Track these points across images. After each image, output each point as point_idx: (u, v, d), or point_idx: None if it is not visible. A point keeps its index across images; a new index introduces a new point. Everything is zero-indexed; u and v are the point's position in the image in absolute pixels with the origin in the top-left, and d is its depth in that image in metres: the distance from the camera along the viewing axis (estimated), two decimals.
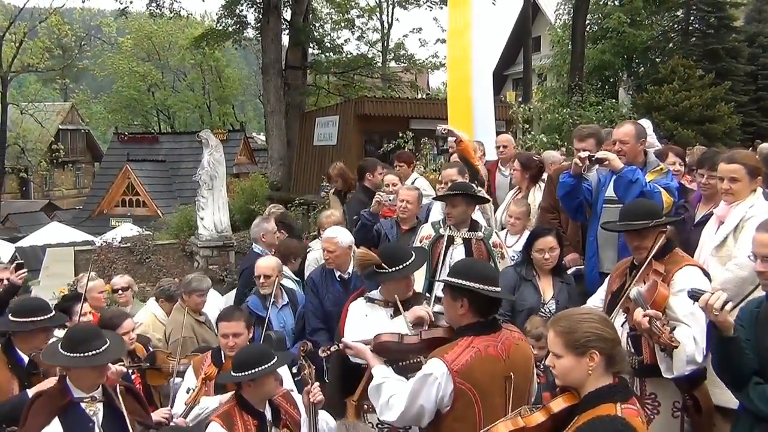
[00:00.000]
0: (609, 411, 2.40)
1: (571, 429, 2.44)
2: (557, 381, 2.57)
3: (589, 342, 2.46)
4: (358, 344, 3.46)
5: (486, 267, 3.43)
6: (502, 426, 2.53)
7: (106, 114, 37.29)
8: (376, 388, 3.23)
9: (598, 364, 2.46)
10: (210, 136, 12.93)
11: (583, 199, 4.84)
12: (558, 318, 2.61)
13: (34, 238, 19.17)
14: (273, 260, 5.36)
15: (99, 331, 3.56)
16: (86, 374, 3.34)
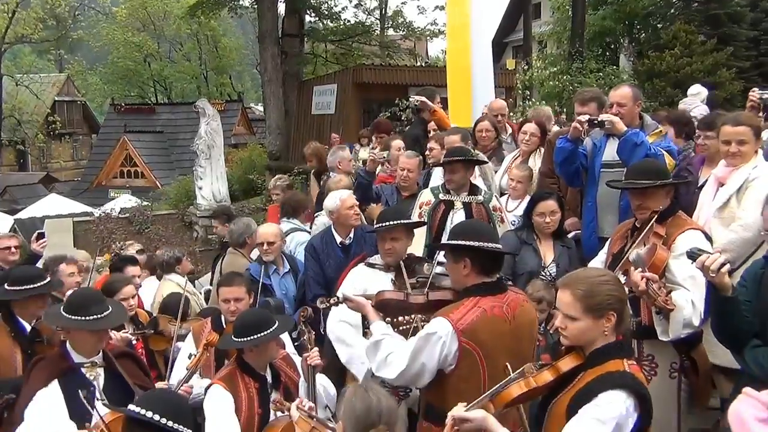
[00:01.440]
0: (618, 367, 2.45)
1: (579, 385, 2.47)
2: (566, 342, 2.59)
3: (610, 305, 2.49)
4: (359, 298, 3.46)
5: (484, 226, 3.46)
6: (515, 387, 2.56)
7: (102, 85, 36.94)
8: (374, 345, 3.24)
9: (613, 324, 2.50)
10: (207, 105, 12.86)
11: (579, 164, 4.82)
12: (573, 281, 2.59)
13: (33, 210, 19.14)
14: (275, 227, 5.36)
15: (101, 296, 3.58)
16: (86, 338, 3.35)
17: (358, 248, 4.83)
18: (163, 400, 2.59)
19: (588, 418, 2.35)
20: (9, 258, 5.51)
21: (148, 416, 2.42)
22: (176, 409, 2.52)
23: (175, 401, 2.67)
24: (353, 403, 2.39)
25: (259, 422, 3.36)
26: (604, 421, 2.33)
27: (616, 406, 2.35)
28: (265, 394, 3.44)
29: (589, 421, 2.34)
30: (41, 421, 3.14)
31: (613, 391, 2.37)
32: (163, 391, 3.24)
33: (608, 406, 2.35)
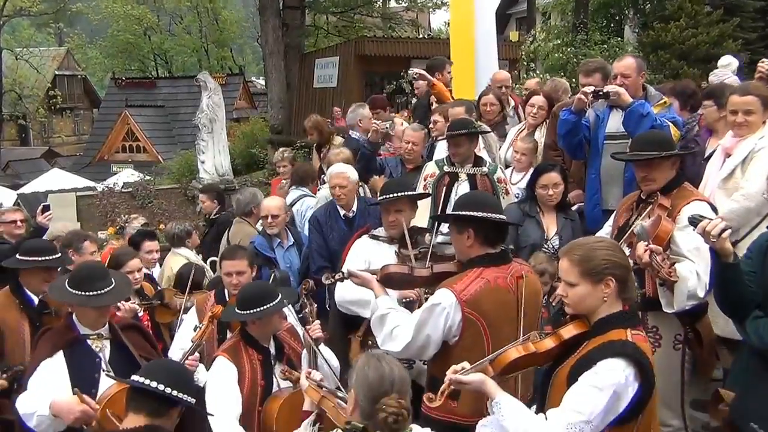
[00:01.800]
0: (620, 336, 2.45)
1: (581, 354, 2.48)
2: (568, 309, 2.60)
3: (606, 269, 2.49)
4: (364, 273, 3.48)
5: (488, 197, 3.47)
6: (513, 350, 2.57)
7: (102, 59, 36.64)
8: (380, 319, 3.26)
9: (613, 290, 2.49)
10: (208, 78, 12.77)
11: (582, 136, 4.79)
12: (571, 247, 2.61)
13: (36, 184, 19.11)
14: (279, 200, 5.36)
15: (106, 271, 3.59)
16: (89, 312, 3.37)
17: (362, 221, 4.83)
18: (165, 369, 2.60)
19: (586, 385, 2.37)
20: (14, 231, 5.53)
21: (152, 386, 2.43)
22: (179, 378, 2.54)
23: (178, 370, 2.68)
24: (366, 371, 2.40)
25: (262, 394, 3.40)
26: (602, 389, 2.34)
27: (614, 374, 2.35)
28: (268, 366, 3.46)
29: (587, 388, 2.36)
30: (43, 390, 3.17)
31: (613, 359, 2.38)
32: (165, 361, 3.26)
33: (606, 374, 2.35)
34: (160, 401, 2.44)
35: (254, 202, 5.90)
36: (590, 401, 2.33)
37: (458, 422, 3.02)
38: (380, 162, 5.56)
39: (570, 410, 2.35)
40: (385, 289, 3.41)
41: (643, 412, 2.42)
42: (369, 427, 2.37)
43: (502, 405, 2.41)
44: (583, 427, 2.32)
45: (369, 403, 2.35)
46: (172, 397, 2.43)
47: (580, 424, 2.32)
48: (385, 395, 2.34)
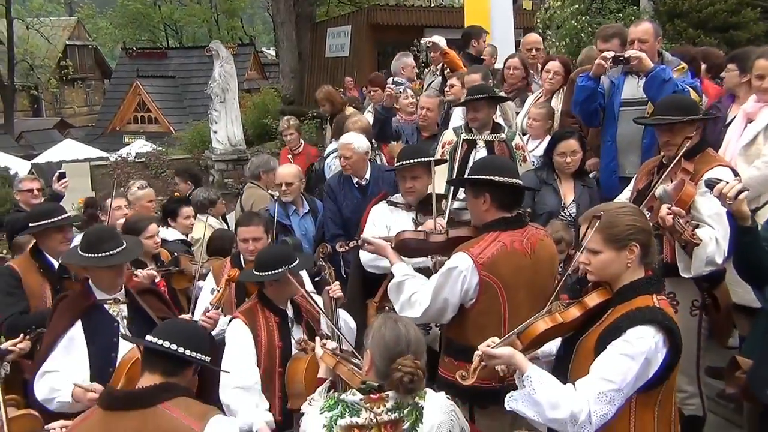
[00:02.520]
0: (646, 302, 2.43)
1: (608, 322, 2.46)
2: (591, 277, 2.57)
3: (630, 235, 2.46)
4: (379, 240, 3.49)
5: (505, 161, 3.46)
6: (540, 323, 2.55)
7: (112, 29, 36.48)
8: (397, 286, 3.28)
9: (636, 256, 2.47)
10: (220, 47, 12.68)
11: (599, 103, 4.74)
12: (593, 214, 2.57)
13: (49, 154, 19.18)
14: (294, 167, 5.36)
15: (115, 232, 3.63)
16: (104, 275, 3.39)
17: (375, 188, 4.84)
18: (178, 329, 2.61)
19: (617, 354, 2.34)
20: (31, 200, 5.59)
21: (164, 346, 2.44)
22: (191, 338, 2.54)
23: (191, 330, 2.68)
24: (382, 332, 2.42)
25: (280, 355, 3.43)
26: (633, 356, 2.32)
27: (645, 341, 2.33)
28: (285, 328, 3.50)
29: (618, 356, 2.34)
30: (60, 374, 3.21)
31: (642, 326, 2.35)
32: (178, 321, 3.27)
33: (637, 342, 2.33)
34: (173, 361, 2.45)
35: (264, 167, 5.97)
36: (621, 369, 2.32)
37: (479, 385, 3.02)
38: (396, 128, 5.53)
39: (600, 379, 2.33)
40: (400, 256, 3.42)
41: (669, 378, 2.43)
42: (384, 386, 2.39)
43: (532, 378, 2.38)
44: (614, 395, 2.31)
45: (385, 363, 2.37)
46: (185, 357, 2.44)
47: (611, 393, 2.31)
48: (401, 355, 2.36)
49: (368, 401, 2.37)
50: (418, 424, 2.36)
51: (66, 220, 4.16)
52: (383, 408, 2.35)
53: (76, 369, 3.23)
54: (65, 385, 3.14)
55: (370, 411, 2.34)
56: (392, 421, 2.35)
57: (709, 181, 2.94)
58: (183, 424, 2.30)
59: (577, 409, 2.30)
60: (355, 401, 2.38)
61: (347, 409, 2.36)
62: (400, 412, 2.36)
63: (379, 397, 2.37)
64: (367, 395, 2.38)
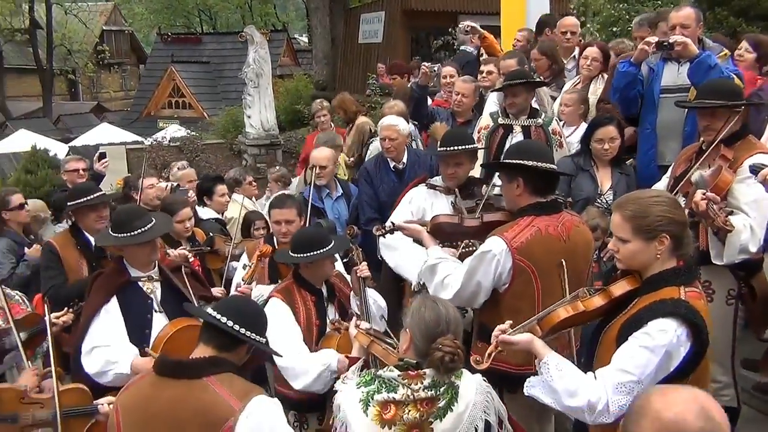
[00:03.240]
0: (672, 294, 2.36)
1: (631, 312, 2.43)
2: (620, 265, 2.53)
3: (660, 226, 2.39)
4: (413, 225, 3.51)
5: (540, 145, 3.46)
6: (562, 310, 2.53)
7: (147, 15, 36.87)
8: (431, 269, 3.30)
9: (667, 247, 2.40)
10: (254, 32, 12.74)
11: (637, 90, 4.68)
12: (625, 201, 2.52)
13: (86, 138, 19.56)
14: (328, 151, 5.39)
15: (143, 211, 3.70)
16: (137, 252, 3.47)
17: (412, 172, 4.85)
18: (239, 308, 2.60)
19: (636, 346, 2.30)
20: (77, 180, 5.71)
21: (222, 322, 2.46)
22: (250, 318, 2.55)
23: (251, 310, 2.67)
24: (422, 312, 2.44)
25: (317, 333, 3.48)
26: (653, 349, 2.27)
27: (666, 334, 2.27)
28: (321, 306, 3.54)
29: (638, 348, 2.30)
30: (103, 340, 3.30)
31: (664, 319, 2.29)
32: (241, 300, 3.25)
33: (658, 334, 2.28)
34: (229, 337, 2.48)
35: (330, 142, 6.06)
36: (641, 362, 2.28)
37: (508, 371, 3.05)
38: (431, 110, 5.52)
39: (619, 370, 2.30)
40: (435, 240, 3.43)
41: (695, 371, 2.36)
42: (421, 364, 2.41)
43: (550, 365, 2.37)
44: (633, 387, 2.28)
45: (425, 342, 2.39)
46: (240, 335, 2.47)
47: (630, 384, 2.28)
48: (441, 335, 2.37)
49: (406, 377, 2.39)
50: (453, 403, 2.38)
51: (99, 198, 4.26)
52: (420, 385, 2.38)
53: (124, 342, 3.32)
54: (121, 357, 3.23)
55: (407, 387, 2.37)
56: (428, 399, 2.37)
57: (754, 167, 2.89)
58: (223, 401, 2.33)
59: (594, 398, 2.28)
60: (392, 377, 2.40)
61: (384, 385, 2.39)
62: (436, 390, 2.38)
63: (416, 374, 2.39)
64: (404, 372, 2.41)
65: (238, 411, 2.30)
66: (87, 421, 3.00)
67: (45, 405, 2.93)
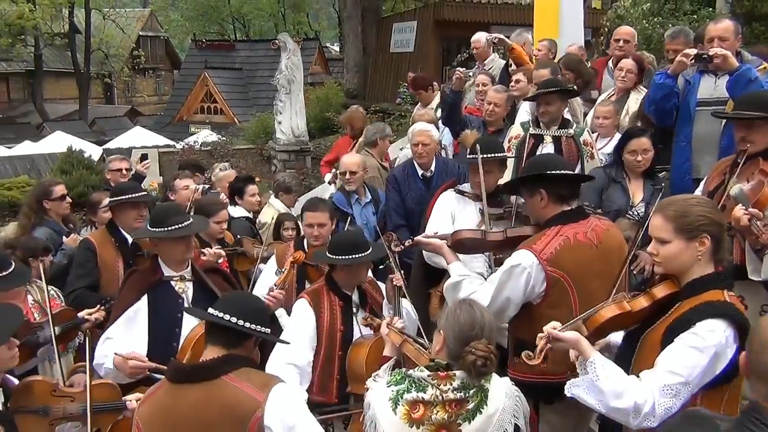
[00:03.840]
0: (716, 297, 2.36)
1: (676, 315, 2.41)
2: (658, 269, 2.51)
3: (701, 226, 2.38)
4: (434, 240, 3.48)
5: (554, 157, 3.49)
6: (607, 310, 2.52)
7: (183, 21, 37.54)
8: (453, 286, 3.27)
9: (707, 249, 2.39)
10: (288, 39, 12.90)
11: (673, 102, 4.62)
12: (666, 204, 2.51)
13: (120, 141, 19.89)
14: (358, 157, 5.42)
15: (181, 208, 3.77)
16: (172, 248, 3.50)
17: (440, 180, 4.84)
18: (238, 302, 2.61)
19: (684, 346, 2.29)
20: (120, 180, 5.81)
21: (225, 319, 2.47)
22: (251, 310, 2.55)
23: (250, 302, 2.69)
24: (458, 314, 2.45)
25: (341, 338, 3.48)
26: (702, 350, 2.26)
27: (715, 335, 2.27)
28: (348, 312, 3.53)
29: (686, 349, 2.28)
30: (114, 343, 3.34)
31: (713, 320, 2.29)
32: (239, 295, 3.30)
33: (707, 335, 2.27)
34: (234, 333, 2.49)
35: (380, 134, 6.12)
36: (689, 362, 2.26)
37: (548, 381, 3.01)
38: (464, 118, 5.52)
39: (666, 371, 2.28)
40: (456, 255, 3.41)
41: (738, 375, 2.33)
42: (452, 366, 2.41)
43: (596, 365, 2.35)
44: (680, 388, 2.26)
45: (458, 345, 2.39)
46: (244, 329, 2.48)
47: (677, 386, 2.26)
48: (475, 339, 2.38)
49: (435, 378, 2.40)
50: (482, 406, 2.37)
51: (142, 197, 4.33)
52: (450, 386, 2.38)
53: (133, 341, 3.35)
54: (112, 354, 3.26)
55: (437, 388, 2.37)
56: (457, 400, 2.37)
57: None
58: (246, 395, 2.36)
59: (641, 399, 2.26)
60: (422, 377, 2.41)
61: (414, 385, 2.40)
62: (465, 392, 2.38)
63: (446, 375, 2.40)
64: (434, 372, 2.41)
65: (263, 402, 2.33)
66: (114, 417, 3.04)
67: (75, 399, 2.97)
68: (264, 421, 2.30)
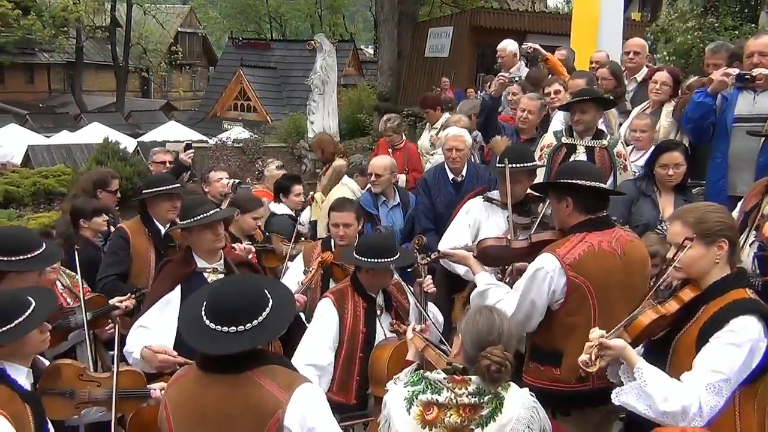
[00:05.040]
0: (742, 295, 2.46)
1: (705, 316, 2.47)
2: (679, 274, 2.58)
3: (719, 231, 2.51)
4: (459, 251, 3.49)
5: (588, 166, 3.47)
6: (645, 316, 2.56)
7: (221, 19, 38.01)
8: (480, 295, 3.29)
9: (725, 253, 2.51)
10: (324, 40, 12.98)
11: (712, 119, 4.56)
12: (682, 211, 2.64)
13: (154, 134, 20.23)
14: (387, 160, 5.43)
15: (207, 200, 3.83)
16: (201, 237, 3.55)
17: (470, 185, 4.85)
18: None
19: (722, 344, 2.36)
20: (162, 171, 5.88)
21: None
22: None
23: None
24: (477, 319, 2.45)
25: (363, 340, 3.49)
26: (739, 345, 2.34)
27: (750, 330, 2.37)
28: (371, 314, 3.54)
29: (724, 346, 2.36)
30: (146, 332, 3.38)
31: (746, 316, 2.37)
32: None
33: (742, 331, 2.36)
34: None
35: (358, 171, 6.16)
36: (728, 359, 2.34)
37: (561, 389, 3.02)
38: (498, 125, 5.51)
39: (708, 371, 2.35)
40: (482, 266, 3.42)
41: None
42: (469, 370, 2.41)
43: (644, 371, 2.42)
44: (722, 385, 2.34)
45: (474, 349, 2.39)
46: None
47: (720, 383, 2.33)
48: (492, 344, 2.37)
49: (451, 381, 2.41)
50: (497, 414, 2.36)
51: (176, 189, 4.40)
52: (464, 391, 2.38)
53: (163, 331, 3.38)
54: (141, 344, 3.30)
55: (451, 391, 2.38)
56: (471, 405, 2.37)
57: None
58: (270, 394, 2.35)
59: (687, 401, 2.32)
60: (438, 379, 2.42)
61: (429, 386, 2.41)
62: (480, 397, 2.38)
63: (461, 379, 2.40)
64: (450, 375, 2.42)
65: (285, 403, 2.32)
66: (138, 404, 3.10)
67: (101, 384, 3.03)
68: (284, 421, 2.30)
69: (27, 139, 18.13)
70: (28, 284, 2.91)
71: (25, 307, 2.49)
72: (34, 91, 31.61)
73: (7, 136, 18.65)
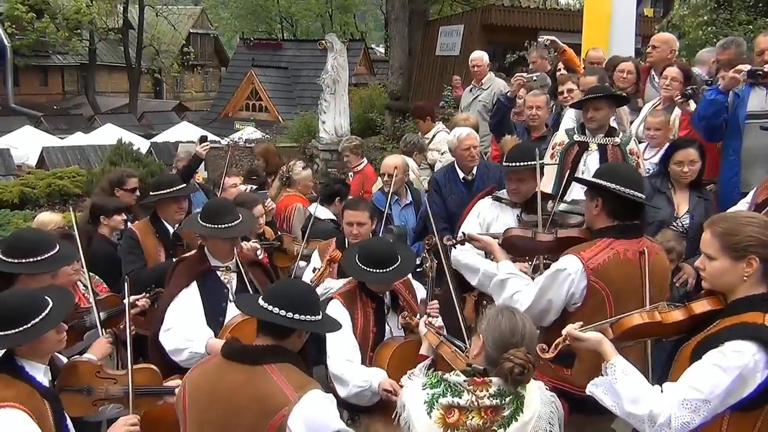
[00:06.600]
0: (755, 319, 2.28)
1: (710, 331, 2.36)
2: (705, 284, 2.47)
3: (750, 246, 2.31)
4: (485, 237, 3.49)
5: (631, 171, 3.33)
6: (636, 316, 2.51)
7: (232, 20, 38.15)
8: (500, 283, 3.28)
9: (756, 270, 2.32)
10: (335, 40, 12.98)
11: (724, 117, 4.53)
12: (717, 219, 2.46)
13: (167, 135, 20.33)
14: (399, 159, 5.44)
15: (233, 206, 3.84)
16: (220, 245, 3.62)
17: (481, 184, 4.85)
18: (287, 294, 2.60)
19: (709, 364, 2.24)
20: (180, 165, 5.98)
21: (274, 312, 2.50)
22: (300, 302, 2.56)
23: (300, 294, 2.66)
24: (499, 320, 2.44)
25: (374, 340, 3.50)
26: (725, 369, 2.20)
27: (741, 356, 2.20)
28: (380, 314, 3.55)
29: (710, 366, 2.24)
30: (186, 326, 3.45)
31: (743, 341, 2.22)
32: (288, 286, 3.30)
33: (732, 355, 2.21)
34: (282, 325, 2.52)
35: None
36: (711, 380, 2.22)
37: (569, 391, 3.00)
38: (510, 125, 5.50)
39: (688, 386, 2.25)
40: (506, 254, 3.41)
41: None
42: (489, 372, 2.41)
43: (616, 368, 2.36)
44: (699, 405, 2.22)
45: (497, 351, 2.39)
46: (289, 322, 2.50)
47: (697, 402, 2.22)
48: (514, 347, 2.36)
49: (471, 384, 2.39)
50: (518, 413, 2.37)
51: (180, 191, 4.44)
52: (486, 392, 2.38)
53: (201, 324, 3.47)
54: (198, 337, 3.38)
55: (472, 394, 2.37)
56: (493, 407, 2.37)
57: None
58: (280, 390, 2.39)
59: (657, 409, 2.25)
60: (458, 382, 2.41)
61: (449, 389, 2.40)
62: (501, 399, 2.37)
63: (482, 381, 2.39)
64: (471, 377, 2.41)
65: (293, 402, 2.35)
66: (154, 401, 3.13)
67: (118, 381, 3.07)
68: (288, 420, 2.33)
69: (41, 141, 18.27)
70: (42, 285, 2.94)
71: (43, 307, 2.53)
72: (49, 93, 31.87)
73: (22, 138, 18.82)
